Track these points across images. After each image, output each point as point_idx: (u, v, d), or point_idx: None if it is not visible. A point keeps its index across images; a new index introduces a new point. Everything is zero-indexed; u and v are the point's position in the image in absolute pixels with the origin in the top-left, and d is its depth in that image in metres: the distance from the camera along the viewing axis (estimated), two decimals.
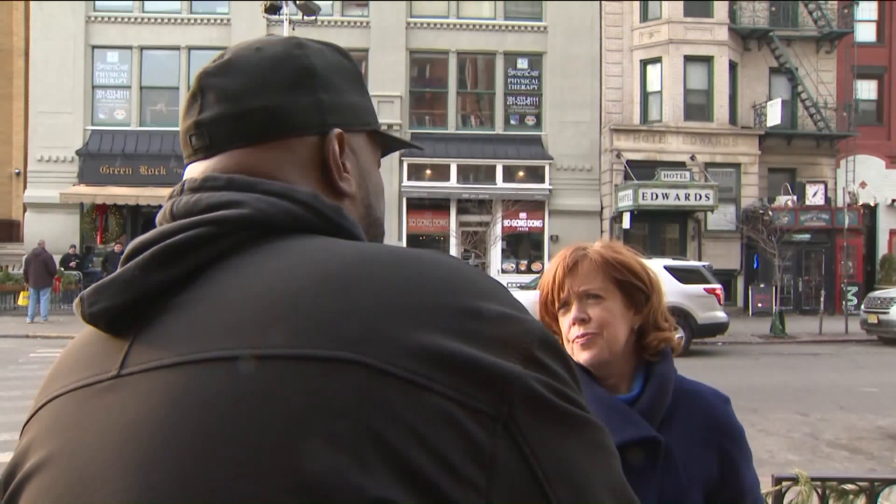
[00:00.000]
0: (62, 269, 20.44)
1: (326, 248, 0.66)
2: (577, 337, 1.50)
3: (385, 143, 0.89)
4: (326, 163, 0.78)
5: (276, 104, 0.76)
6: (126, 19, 23.74)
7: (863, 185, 24.72)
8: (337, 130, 0.78)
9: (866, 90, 26.01)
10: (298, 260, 0.64)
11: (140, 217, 23.11)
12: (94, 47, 23.64)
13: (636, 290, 1.52)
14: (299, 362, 0.57)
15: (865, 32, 25.86)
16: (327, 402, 0.56)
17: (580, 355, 1.51)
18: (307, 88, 0.78)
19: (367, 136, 0.85)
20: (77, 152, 22.99)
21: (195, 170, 0.77)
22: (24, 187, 24.01)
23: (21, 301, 19.18)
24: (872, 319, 16.61)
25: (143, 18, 23.78)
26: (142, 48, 23.71)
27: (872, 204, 24.87)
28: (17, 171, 25.83)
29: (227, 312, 0.62)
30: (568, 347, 1.53)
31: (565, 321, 1.53)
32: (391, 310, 0.60)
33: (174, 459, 0.56)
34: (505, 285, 0.68)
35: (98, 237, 22.93)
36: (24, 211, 23.74)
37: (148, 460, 0.57)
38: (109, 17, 23.69)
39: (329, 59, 0.82)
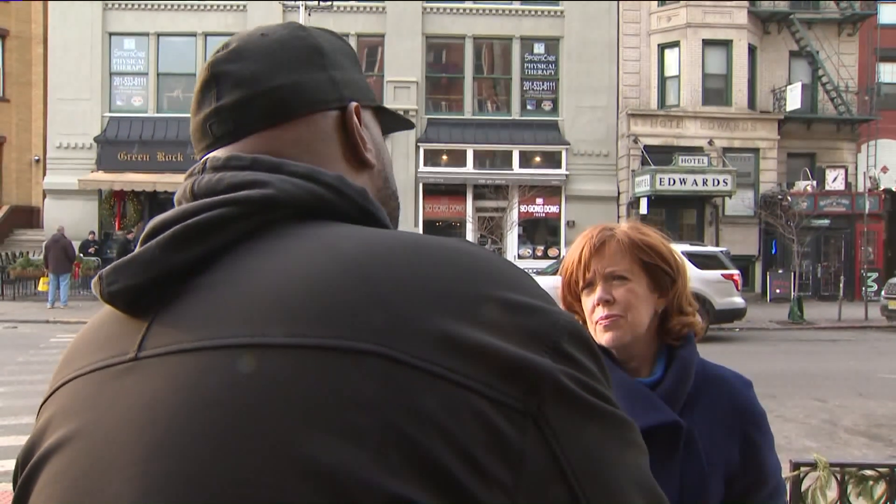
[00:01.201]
0: (81, 254, 20.62)
1: (350, 235, 0.65)
2: (601, 318, 1.49)
3: (383, 122, 0.89)
4: (350, 135, 0.78)
5: (295, 80, 0.76)
6: (143, 6, 23.79)
7: (884, 169, 24.42)
8: (354, 103, 0.79)
9: (889, 73, 25.63)
10: (321, 246, 0.63)
11: (157, 203, 23.24)
12: (111, 34, 23.72)
13: (662, 274, 1.51)
14: (319, 352, 0.56)
15: (889, 14, 25.43)
16: (347, 395, 0.54)
17: (602, 336, 1.50)
18: (319, 66, 0.78)
19: (372, 114, 0.85)
20: (95, 139, 23.13)
21: (220, 153, 0.75)
22: (44, 174, 24.23)
23: (41, 286, 19.38)
24: (893, 306, 16.46)
25: (159, 5, 23.82)
26: (158, 35, 23.78)
27: (894, 189, 24.56)
28: (36, 157, 26.06)
29: (248, 298, 0.60)
30: (590, 328, 1.52)
31: (589, 301, 1.52)
32: (415, 299, 0.58)
33: (190, 446, 0.55)
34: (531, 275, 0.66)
35: (116, 223, 23.12)
36: (44, 197, 23.96)
37: (165, 446, 0.56)
38: (126, 4, 23.75)
39: (330, 40, 0.82)
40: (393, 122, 0.92)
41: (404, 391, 0.54)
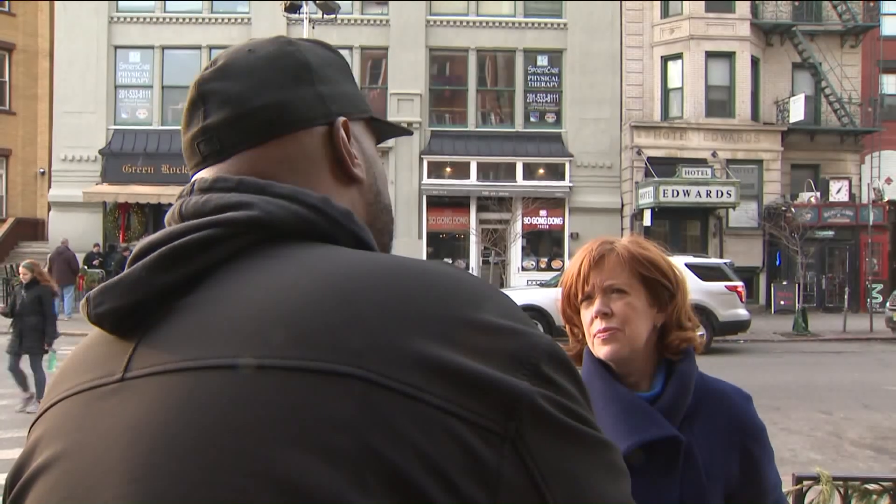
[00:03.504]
0: (85, 267, 20.67)
1: (331, 258, 0.65)
2: (599, 331, 1.49)
3: (379, 130, 0.89)
4: (338, 151, 0.78)
5: (281, 99, 0.76)
6: (148, 19, 23.96)
7: (888, 180, 24.38)
8: (342, 118, 0.79)
9: (892, 84, 25.65)
10: (303, 268, 0.64)
11: (162, 216, 23.22)
12: (116, 47, 23.88)
13: (661, 288, 1.51)
14: (300, 374, 0.56)
15: (891, 26, 25.49)
16: (325, 416, 0.55)
17: (600, 350, 1.50)
18: (306, 82, 0.78)
19: (364, 125, 0.85)
20: (100, 151, 23.24)
21: (208, 174, 0.76)
22: (49, 186, 24.32)
23: None
24: None
25: (164, 18, 23.98)
26: (163, 48, 23.93)
27: None
28: (41, 170, 26.14)
29: (232, 319, 0.61)
30: (589, 341, 1.53)
31: (587, 314, 1.52)
32: (394, 322, 0.59)
33: (175, 466, 0.56)
34: (525, 286, 0.66)
35: (121, 235, 23.17)
36: (49, 210, 24.04)
37: (150, 465, 0.57)
38: (131, 18, 23.92)
39: (319, 53, 0.82)
40: (388, 129, 0.92)
41: (382, 413, 0.55)
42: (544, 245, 24.46)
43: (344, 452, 0.54)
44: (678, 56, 23.50)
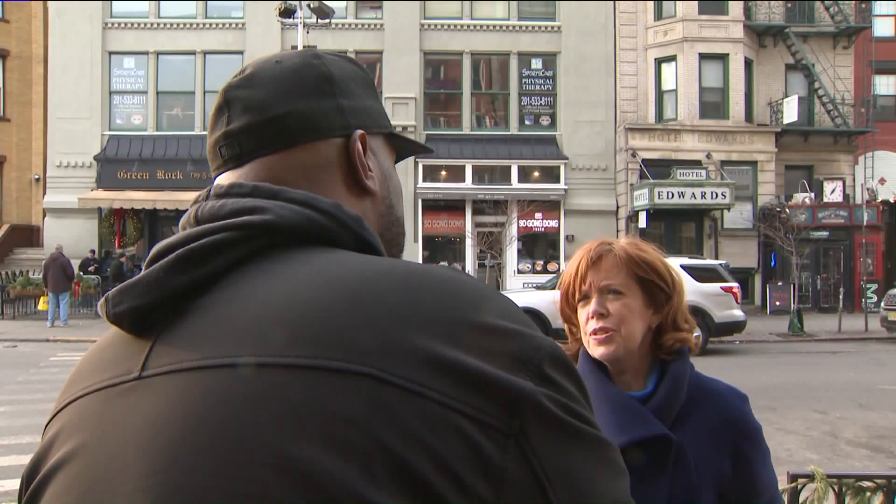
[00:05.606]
0: (81, 273, 20.61)
1: (343, 262, 0.68)
2: (595, 331, 1.51)
3: (399, 146, 0.92)
4: (352, 162, 0.81)
5: (301, 109, 0.79)
6: (142, 25, 23.94)
7: (882, 181, 24.47)
8: (360, 131, 0.82)
9: (884, 85, 25.77)
10: (316, 271, 0.66)
11: (157, 221, 23.28)
12: (111, 53, 23.85)
13: (658, 290, 1.53)
14: (312, 372, 0.59)
15: (883, 27, 25.63)
16: (338, 412, 0.57)
17: (596, 350, 1.52)
18: (328, 94, 0.81)
19: (384, 140, 0.88)
20: (95, 157, 23.20)
21: (224, 179, 0.79)
22: (44, 193, 24.28)
23: (41, 305, 19.40)
24: (892, 317, 16.44)
25: (158, 24, 23.97)
26: (158, 53, 23.91)
27: (892, 200, 24.60)
28: (36, 176, 26.12)
29: (246, 319, 0.63)
30: (585, 340, 1.55)
31: (584, 314, 1.54)
32: (403, 323, 0.61)
33: (192, 460, 0.58)
34: (521, 289, 0.68)
35: (116, 241, 23.12)
36: (44, 216, 24.00)
37: (168, 460, 0.59)
38: (126, 23, 23.90)
39: (344, 67, 0.85)
40: (409, 146, 0.95)
41: (391, 410, 0.57)
42: (540, 248, 24.49)
43: (355, 446, 0.56)
44: (672, 58, 23.57)
